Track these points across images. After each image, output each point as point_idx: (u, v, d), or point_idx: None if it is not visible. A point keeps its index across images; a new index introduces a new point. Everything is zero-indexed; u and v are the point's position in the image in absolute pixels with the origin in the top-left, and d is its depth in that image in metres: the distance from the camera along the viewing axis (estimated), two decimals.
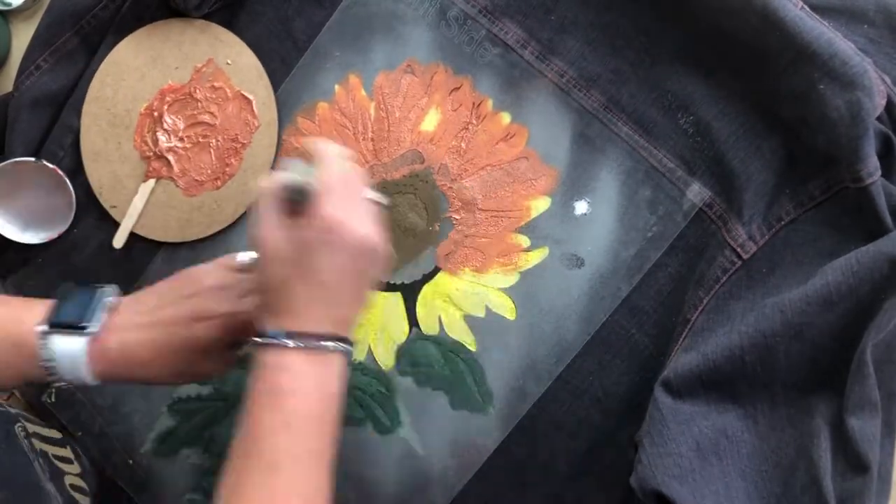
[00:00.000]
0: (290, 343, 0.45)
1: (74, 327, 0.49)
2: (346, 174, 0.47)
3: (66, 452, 0.61)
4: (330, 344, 0.46)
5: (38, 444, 0.57)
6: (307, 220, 0.45)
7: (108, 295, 0.51)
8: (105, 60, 0.65)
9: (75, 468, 0.61)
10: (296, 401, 0.45)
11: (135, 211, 0.65)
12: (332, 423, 0.46)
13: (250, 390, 0.46)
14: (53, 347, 0.49)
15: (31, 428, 0.59)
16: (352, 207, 0.46)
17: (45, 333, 0.49)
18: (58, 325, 0.49)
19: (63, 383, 0.51)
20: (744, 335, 0.50)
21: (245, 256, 0.53)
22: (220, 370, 0.53)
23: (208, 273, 0.52)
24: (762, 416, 0.51)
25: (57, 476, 0.56)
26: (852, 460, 0.46)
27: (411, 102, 0.63)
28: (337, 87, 0.64)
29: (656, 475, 0.49)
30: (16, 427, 0.56)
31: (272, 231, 0.46)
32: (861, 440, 0.46)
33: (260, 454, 0.44)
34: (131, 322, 0.51)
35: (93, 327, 0.49)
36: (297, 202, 0.47)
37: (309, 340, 0.45)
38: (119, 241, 0.65)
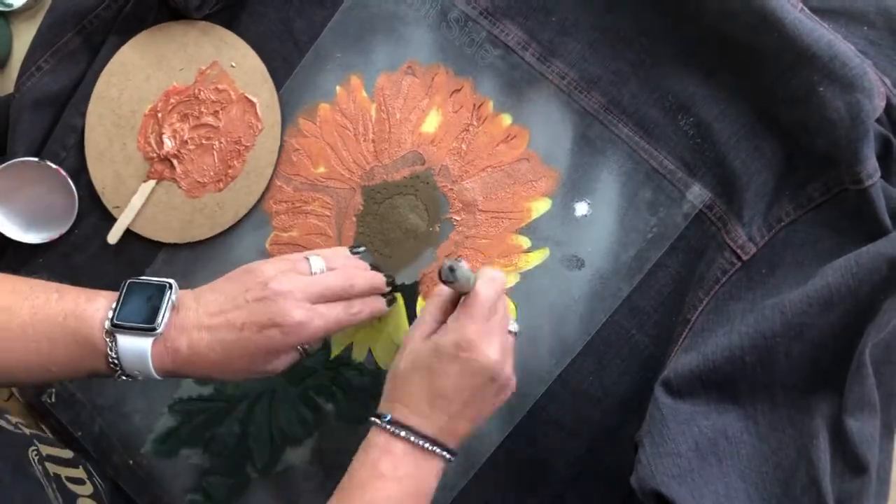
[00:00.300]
0: (400, 432, 0.49)
1: (142, 328, 0.50)
2: (498, 301, 0.51)
3: (80, 473, 0.61)
4: (435, 448, 0.50)
5: (51, 468, 0.57)
6: (451, 331, 0.50)
7: (174, 292, 0.52)
8: (111, 61, 0.65)
9: (87, 489, 0.61)
10: (391, 486, 0.49)
11: (132, 209, 0.65)
12: None
13: (354, 459, 0.50)
14: (121, 346, 0.50)
15: (45, 451, 0.58)
16: (491, 333, 0.50)
17: (111, 332, 0.50)
18: (124, 324, 0.50)
19: (128, 377, 0.52)
20: (744, 335, 0.51)
21: (316, 265, 0.54)
22: (283, 368, 0.53)
23: (276, 277, 0.52)
24: (762, 417, 0.51)
25: (70, 501, 0.56)
26: (851, 461, 0.46)
27: (412, 104, 0.63)
28: (338, 88, 0.64)
29: (656, 475, 0.50)
30: (30, 452, 0.56)
31: (422, 327, 0.52)
32: (860, 441, 0.46)
33: None
34: (200, 322, 0.51)
35: (160, 328, 0.50)
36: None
37: (416, 437, 0.49)
38: (113, 237, 0.65)
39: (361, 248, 0.60)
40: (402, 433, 0.49)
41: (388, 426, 0.50)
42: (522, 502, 0.62)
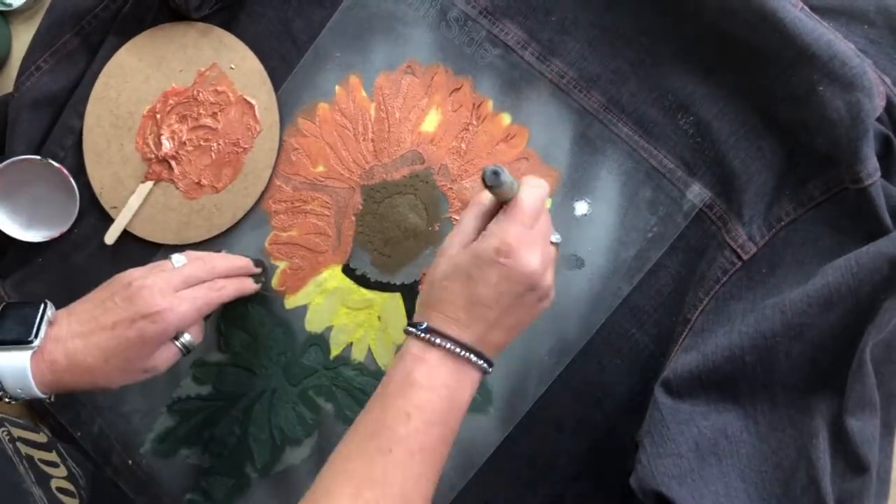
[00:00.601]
0: (435, 340, 0.47)
1: (17, 342, 0.52)
2: (541, 208, 0.49)
3: (52, 456, 0.62)
4: (471, 356, 0.48)
5: (23, 449, 0.58)
6: (491, 235, 0.48)
7: (49, 308, 0.54)
8: (110, 61, 0.65)
9: (62, 471, 0.61)
10: (424, 395, 0.47)
11: (130, 210, 0.65)
12: (451, 427, 0.48)
13: (388, 372, 0.49)
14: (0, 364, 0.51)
15: (16, 433, 0.59)
16: (533, 241, 0.48)
17: None
18: (1, 340, 0.52)
19: (11, 399, 0.53)
20: (744, 335, 0.50)
21: (178, 261, 0.57)
22: (165, 366, 0.55)
23: (138, 277, 0.54)
24: (762, 417, 0.51)
25: (43, 480, 0.57)
26: (852, 461, 0.46)
27: (411, 103, 0.63)
28: (337, 87, 0.64)
29: (656, 476, 0.49)
30: (0, 432, 0.57)
31: (461, 236, 0.49)
32: (860, 441, 0.46)
33: (377, 435, 0.46)
34: (73, 331, 0.53)
35: (36, 341, 0.52)
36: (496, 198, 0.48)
37: (453, 344, 0.47)
38: (111, 237, 0.65)
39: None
40: (438, 341, 0.47)
41: (424, 334, 0.48)
42: (522, 502, 0.62)
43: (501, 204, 0.49)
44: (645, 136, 0.59)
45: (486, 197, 0.50)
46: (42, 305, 0.54)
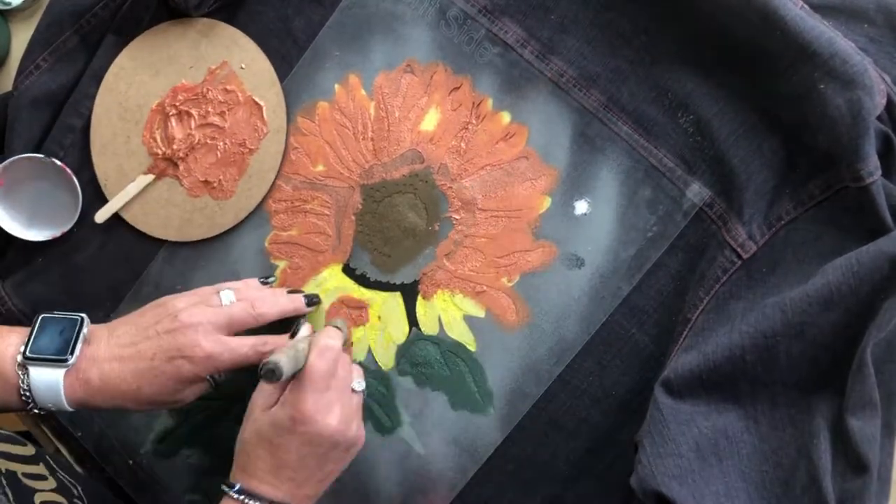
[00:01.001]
0: (247, 500, 0.51)
1: (53, 359, 0.53)
2: (333, 368, 0.52)
3: (40, 469, 0.61)
4: None
5: (3, 465, 0.58)
6: (286, 404, 0.51)
7: (84, 325, 0.54)
8: (121, 54, 0.65)
9: (50, 483, 0.61)
10: None
11: (126, 194, 0.65)
12: None
13: None
14: (33, 378, 0.52)
15: None
16: (329, 403, 0.52)
17: (24, 365, 0.52)
18: (37, 356, 0.53)
19: (41, 410, 0.54)
20: (744, 335, 0.50)
21: (226, 298, 0.57)
22: (193, 398, 0.56)
23: (185, 309, 0.55)
24: (763, 416, 0.51)
25: (26, 495, 0.57)
26: (853, 461, 0.46)
27: (411, 102, 0.63)
28: (337, 86, 0.64)
29: (656, 476, 0.49)
30: None
31: (258, 407, 0.53)
32: (861, 440, 0.45)
33: None
34: (111, 353, 0.54)
35: (72, 359, 0.53)
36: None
37: (258, 500, 0.51)
38: (101, 216, 0.65)
39: (271, 279, 0.63)
40: (250, 501, 0.51)
41: (238, 495, 0.51)
42: (522, 502, 0.62)
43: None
44: (645, 134, 0.59)
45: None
46: (79, 320, 0.55)
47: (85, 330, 0.54)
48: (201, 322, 0.54)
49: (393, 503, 0.63)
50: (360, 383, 0.56)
